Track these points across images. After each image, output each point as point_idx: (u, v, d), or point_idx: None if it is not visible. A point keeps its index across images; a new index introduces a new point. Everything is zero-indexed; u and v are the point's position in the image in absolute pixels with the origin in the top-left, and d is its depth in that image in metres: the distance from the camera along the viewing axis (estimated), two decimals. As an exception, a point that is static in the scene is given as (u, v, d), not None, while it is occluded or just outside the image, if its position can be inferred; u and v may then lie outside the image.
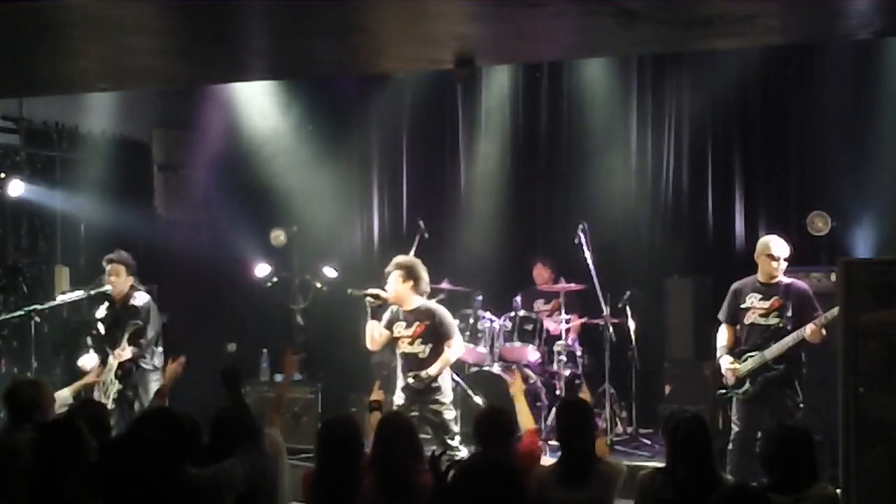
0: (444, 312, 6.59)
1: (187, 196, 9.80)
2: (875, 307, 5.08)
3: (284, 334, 9.35)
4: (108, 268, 7.00)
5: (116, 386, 6.77)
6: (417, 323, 6.48)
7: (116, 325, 6.92)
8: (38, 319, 7.15)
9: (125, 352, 6.79)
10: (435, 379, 6.42)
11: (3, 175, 7.98)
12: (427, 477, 3.69)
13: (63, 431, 4.00)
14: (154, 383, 6.82)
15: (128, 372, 6.82)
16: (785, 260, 6.38)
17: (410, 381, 6.42)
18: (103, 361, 6.86)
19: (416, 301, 6.53)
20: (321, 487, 4.12)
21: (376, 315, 6.55)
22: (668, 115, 8.96)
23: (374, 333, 6.57)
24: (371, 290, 6.52)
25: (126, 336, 6.80)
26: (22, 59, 5.80)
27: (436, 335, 6.47)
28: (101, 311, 7.11)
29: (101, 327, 7.02)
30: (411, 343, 6.47)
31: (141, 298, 7.02)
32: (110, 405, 6.66)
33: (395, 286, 6.49)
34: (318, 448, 4.20)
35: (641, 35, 5.21)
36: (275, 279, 9.22)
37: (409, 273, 6.50)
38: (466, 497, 2.65)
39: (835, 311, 5.48)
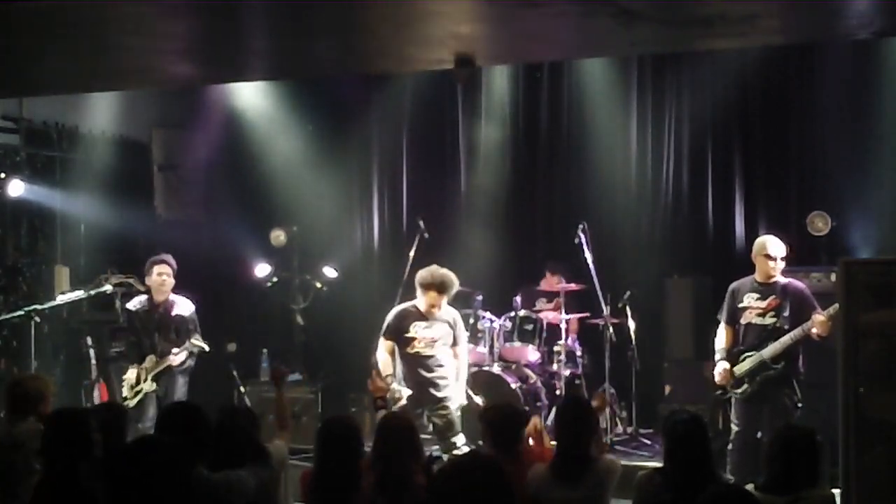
0: (460, 317, 6.83)
1: (187, 196, 9.80)
2: (875, 307, 5.09)
3: (284, 334, 9.36)
4: (156, 269, 7.07)
5: (151, 386, 6.83)
6: (438, 325, 6.62)
7: (157, 329, 7.00)
8: (38, 319, 7.17)
9: (179, 356, 6.89)
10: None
11: (3, 175, 7.98)
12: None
13: (67, 421, 4.09)
14: (183, 386, 6.98)
15: (166, 370, 6.90)
16: (782, 259, 6.37)
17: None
18: (140, 359, 6.93)
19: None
20: (320, 487, 4.11)
21: None
22: (668, 115, 8.95)
23: None
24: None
25: (185, 342, 6.93)
26: (22, 59, 5.80)
27: (453, 339, 6.68)
28: (134, 305, 7.13)
29: (138, 326, 7.07)
30: (430, 345, 6.59)
31: (187, 308, 7.09)
32: (132, 402, 6.77)
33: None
34: (318, 448, 4.19)
35: (641, 35, 5.21)
36: (275, 279, 9.21)
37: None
38: (454, 494, 2.65)
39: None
